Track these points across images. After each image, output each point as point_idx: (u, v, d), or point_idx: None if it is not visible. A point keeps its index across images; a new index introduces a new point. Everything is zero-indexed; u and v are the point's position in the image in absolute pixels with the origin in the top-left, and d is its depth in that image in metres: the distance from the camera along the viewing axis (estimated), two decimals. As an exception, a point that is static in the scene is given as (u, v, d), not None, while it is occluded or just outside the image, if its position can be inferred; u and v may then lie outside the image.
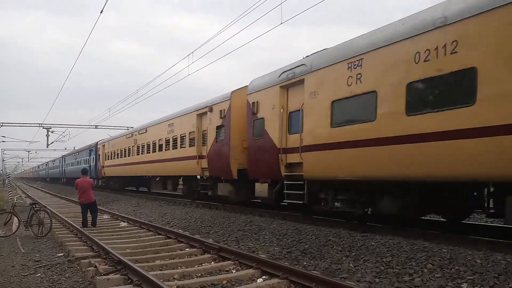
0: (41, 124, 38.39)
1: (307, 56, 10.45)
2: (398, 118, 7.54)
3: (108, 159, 29.88)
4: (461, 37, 6.61)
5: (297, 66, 10.45)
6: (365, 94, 8.22)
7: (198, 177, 16.33)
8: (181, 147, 17.41)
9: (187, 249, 8.45)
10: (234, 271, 6.67)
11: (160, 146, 19.69)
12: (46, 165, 74.80)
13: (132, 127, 28.73)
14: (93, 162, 34.52)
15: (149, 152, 21.05)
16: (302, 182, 10.06)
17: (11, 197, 21.39)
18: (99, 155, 32.42)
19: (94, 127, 39.36)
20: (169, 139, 18.73)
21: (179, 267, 7.01)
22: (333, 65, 9.12)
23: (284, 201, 10.90)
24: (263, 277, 6.23)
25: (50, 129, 39.07)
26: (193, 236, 9.31)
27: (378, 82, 7.97)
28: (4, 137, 49.41)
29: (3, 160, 74.09)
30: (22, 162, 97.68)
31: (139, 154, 22.81)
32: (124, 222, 13.11)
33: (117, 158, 27.33)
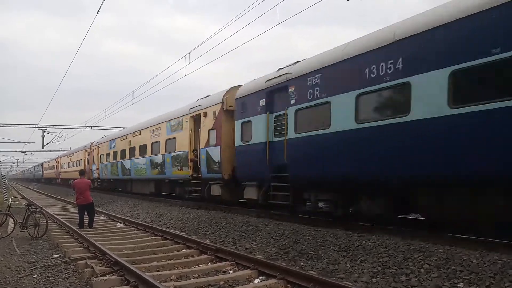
0: (37, 124, 38.19)
1: None
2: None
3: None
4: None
5: None
6: None
7: None
8: None
9: (184, 250, 8.45)
10: (231, 271, 6.67)
11: None
12: (28, 170, 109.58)
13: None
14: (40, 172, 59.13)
15: None
16: None
17: (6, 199, 21.26)
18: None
19: (90, 127, 39.19)
20: None
21: (176, 268, 7.00)
22: None
23: None
24: (260, 277, 6.23)
25: (45, 130, 38.88)
26: (190, 237, 9.30)
27: None
28: (-2, 137, 49.11)
29: (-3, 162, 73.83)
30: (17, 163, 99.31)
31: None
32: (120, 223, 13.07)
33: None
